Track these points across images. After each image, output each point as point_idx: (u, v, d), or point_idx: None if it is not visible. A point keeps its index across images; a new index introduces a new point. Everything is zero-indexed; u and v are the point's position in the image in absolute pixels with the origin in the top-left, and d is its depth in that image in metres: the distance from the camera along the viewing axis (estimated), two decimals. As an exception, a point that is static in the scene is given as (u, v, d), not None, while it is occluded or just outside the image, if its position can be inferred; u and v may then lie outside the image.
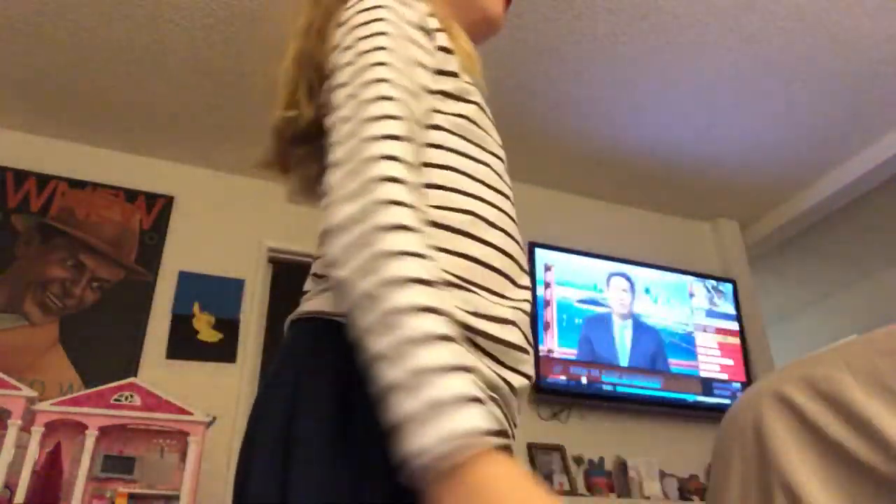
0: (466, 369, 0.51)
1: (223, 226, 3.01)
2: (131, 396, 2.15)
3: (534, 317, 2.81)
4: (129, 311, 2.69)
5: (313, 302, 0.68)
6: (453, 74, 0.74)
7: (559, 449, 2.69)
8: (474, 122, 0.75)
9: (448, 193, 0.69)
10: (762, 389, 0.93)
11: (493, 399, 0.64)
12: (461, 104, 0.74)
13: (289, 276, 2.70)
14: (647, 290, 3.11)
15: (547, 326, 2.82)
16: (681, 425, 2.95)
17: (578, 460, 2.70)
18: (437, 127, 0.71)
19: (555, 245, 3.01)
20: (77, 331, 2.60)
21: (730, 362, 3.12)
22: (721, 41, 2.44)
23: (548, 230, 3.12)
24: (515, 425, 0.70)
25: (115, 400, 2.14)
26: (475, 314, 0.64)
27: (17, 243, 2.67)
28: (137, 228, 2.86)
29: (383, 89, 0.63)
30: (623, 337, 2.96)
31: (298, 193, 0.84)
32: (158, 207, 2.93)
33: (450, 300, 0.59)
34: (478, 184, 0.71)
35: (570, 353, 2.81)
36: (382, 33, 0.67)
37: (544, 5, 2.28)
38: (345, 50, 0.68)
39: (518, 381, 0.68)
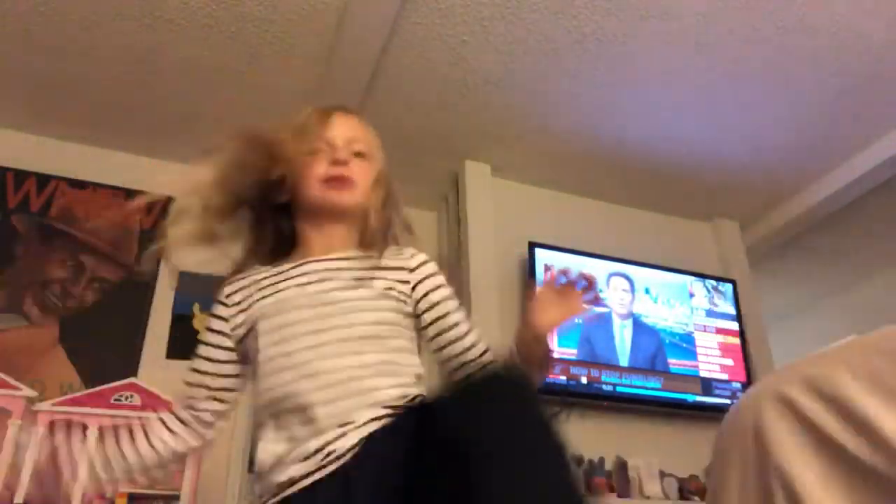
0: None
1: (223, 226, 3.00)
2: (131, 396, 2.15)
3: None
4: (129, 311, 2.69)
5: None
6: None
7: (559, 449, 2.69)
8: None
9: None
10: (762, 390, 0.93)
11: None
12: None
13: (289, 276, 2.69)
14: (647, 290, 3.11)
15: (547, 326, 2.82)
16: (681, 425, 2.95)
17: (578, 460, 2.69)
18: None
19: (555, 245, 3.01)
20: (77, 331, 2.60)
21: (730, 362, 3.12)
22: (721, 41, 2.44)
23: (548, 230, 3.12)
24: None
25: (115, 400, 2.14)
26: None
27: (17, 243, 2.67)
28: (137, 228, 2.86)
29: None
30: (623, 337, 2.96)
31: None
32: (158, 207, 2.92)
33: None
34: None
35: (570, 353, 2.81)
36: None
37: (545, 5, 2.28)
38: None
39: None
